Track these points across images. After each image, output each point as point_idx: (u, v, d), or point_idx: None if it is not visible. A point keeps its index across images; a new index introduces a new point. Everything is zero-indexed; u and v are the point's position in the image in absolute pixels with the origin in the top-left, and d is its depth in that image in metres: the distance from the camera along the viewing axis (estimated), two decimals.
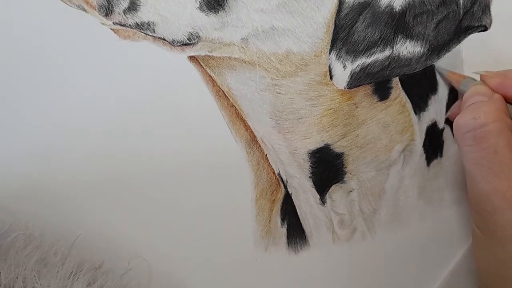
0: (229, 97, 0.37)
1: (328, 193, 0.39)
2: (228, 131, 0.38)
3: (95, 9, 0.33)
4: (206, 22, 0.34)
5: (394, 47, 0.35)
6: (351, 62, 0.35)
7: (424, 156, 0.41)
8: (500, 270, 0.35)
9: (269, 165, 0.39)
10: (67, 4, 0.34)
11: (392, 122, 0.39)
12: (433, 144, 0.41)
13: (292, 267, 0.40)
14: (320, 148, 0.38)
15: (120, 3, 0.33)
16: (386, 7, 0.35)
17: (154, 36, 0.34)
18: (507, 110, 0.35)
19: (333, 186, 0.39)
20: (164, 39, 0.34)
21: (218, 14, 0.34)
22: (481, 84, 0.37)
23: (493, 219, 0.34)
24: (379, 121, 0.38)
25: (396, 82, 0.38)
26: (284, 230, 0.40)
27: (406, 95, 0.39)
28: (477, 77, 0.38)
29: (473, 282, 0.42)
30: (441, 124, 0.41)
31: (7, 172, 0.36)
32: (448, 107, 0.41)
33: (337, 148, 0.38)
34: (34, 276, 0.33)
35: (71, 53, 0.35)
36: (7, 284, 0.32)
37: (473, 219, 0.37)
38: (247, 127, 0.38)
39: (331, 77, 0.36)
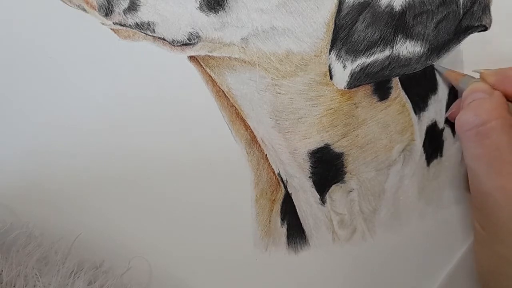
0: (229, 97, 0.37)
1: (328, 193, 0.39)
2: (228, 131, 0.38)
3: (95, 9, 0.33)
4: (206, 22, 0.34)
5: (394, 47, 0.35)
6: (351, 62, 0.35)
7: (424, 156, 0.40)
8: (501, 268, 0.35)
9: (269, 165, 0.39)
10: (67, 4, 0.34)
11: (392, 122, 0.39)
12: (433, 144, 0.41)
13: (292, 267, 0.40)
14: (320, 148, 0.38)
15: (120, 3, 0.33)
16: (386, 7, 0.35)
17: (154, 36, 0.34)
18: (507, 107, 0.35)
19: (333, 186, 0.39)
20: (164, 39, 0.34)
21: (218, 14, 0.34)
22: (481, 81, 0.37)
23: (495, 215, 0.34)
24: (379, 121, 0.38)
25: (396, 82, 0.38)
26: (284, 230, 0.40)
27: (406, 95, 0.39)
28: (476, 75, 0.38)
29: (473, 281, 0.42)
30: (441, 124, 0.41)
31: (8, 171, 0.37)
32: (448, 107, 0.40)
33: (337, 148, 0.38)
34: (36, 275, 0.33)
35: (71, 53, 0.35)
36: (8, 282, 0.33)
37: (474, 216, 0.37)
38: (247, 127, 0.38)
39: (331, 77, 0.36)
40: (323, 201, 0.40)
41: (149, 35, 0.34)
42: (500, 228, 0.35)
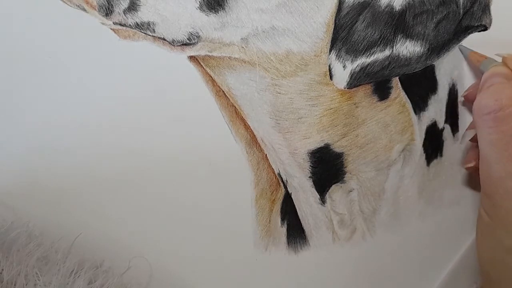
0: (229, 97, 0.37)
1: (328, 193, 0.39)
2: (228, 131, 0.38)
3: (95, 9, 0.33)
4: (206, 22, 0.34)
5: (394, 47, 0.35)
6: (351, 62, 0.35)
7: (424, 156, 0.40)
8: (504, 258, 0.35)
9: (269, 165, 0.39)
10: (67, 4, 0.34)
11: (392, 122, 0.39)
12: (433, 144, 0.41)
13: (292, 267, 0.40)
14: (320, 148, 0.38)
15: (120, 3, 0.33)
16: (386, 6, 0.35)
17: (154, 36, 0.34)
18: None
19: (333, 186, 0.39)
20: (164, 39, 0.35)
21: (218, 14, 0.34)
22: (502, 65, 0.37)
23: (504, 203, 0.34)
24: (379, 121, 0.38)
25: (396, 82, 0.38)
26: (284, 230, 0.40)
27: (406, 95, 0.39)
28: (499, 59, 0.38)
29: (473, 281, 0.42)
30: (441, 124, 0.41)
31: (8, 171, 0.37)
32: (448, 107, 0.41)
33: (337, 148, 0.38)
34: (36, 273, 0.34)
35: (71, 53, 0.35)
36: (9, 281, 0.33)
37: (482, 203, 0.36)
38: (247, 127, 0.38)
39: (331, 77, 0.36)
40: (323, 201, 0.40)
41: (149, 35, 0.34)
42: (507, 217, 0.34)
